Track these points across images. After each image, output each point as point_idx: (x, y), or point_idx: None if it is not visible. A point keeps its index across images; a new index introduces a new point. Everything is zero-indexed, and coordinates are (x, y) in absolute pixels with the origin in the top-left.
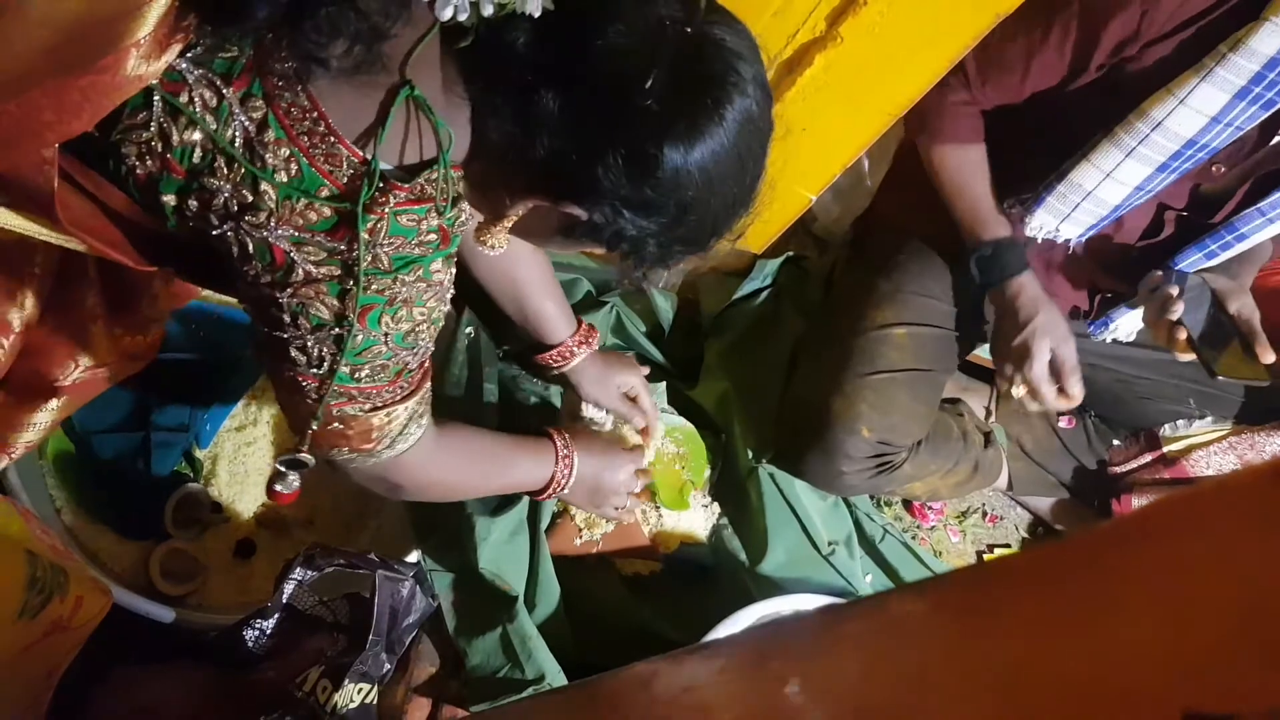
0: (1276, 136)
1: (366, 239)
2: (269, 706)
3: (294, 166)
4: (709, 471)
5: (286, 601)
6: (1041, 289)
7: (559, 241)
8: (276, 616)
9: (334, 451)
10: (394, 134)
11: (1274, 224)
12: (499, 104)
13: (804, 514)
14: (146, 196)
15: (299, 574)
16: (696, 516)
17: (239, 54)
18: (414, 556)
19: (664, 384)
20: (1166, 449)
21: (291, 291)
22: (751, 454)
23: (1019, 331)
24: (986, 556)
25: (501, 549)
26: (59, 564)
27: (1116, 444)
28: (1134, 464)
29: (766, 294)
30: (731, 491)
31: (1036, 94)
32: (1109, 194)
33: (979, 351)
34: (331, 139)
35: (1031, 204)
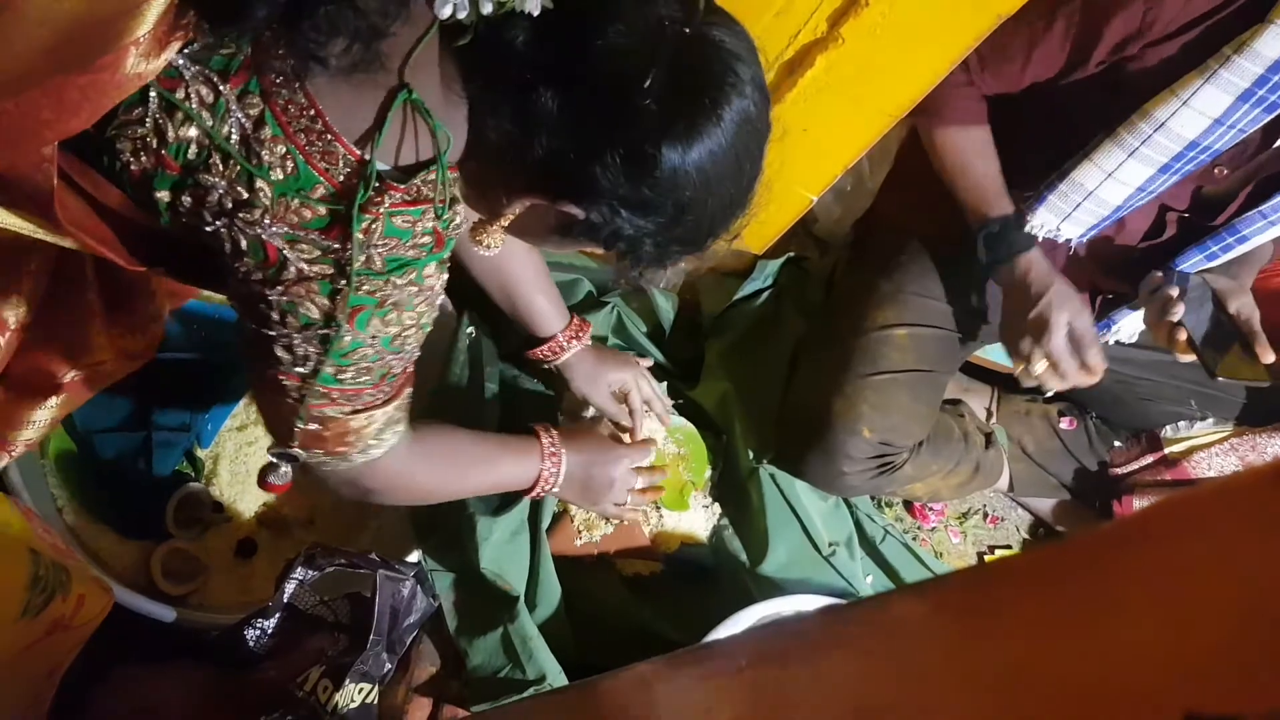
0: (1278, 139)
1: (361, 239)
2: (270, 706)
3: (290, 164)
4: (709, 472)
5: (287, 601)
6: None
7: (556, 241)
8: (277, 616)
9: (308, 454)
10: (391, 135)
11: (1275, 226)
12: (497, 102)
13: (805, 515)
14: (140, 193)
15: (300, 574)
16: (697, 517)
17: (236, 51)
18: (415, 556)
19: (664, 384)
20: (1168, 450)
21: (282, 289)
22: (752, 454)
23: (1033, 305)
24: (987, 557)
25: (502, 549)
26: (61, 563)
27: (1118, 445)
28: (1135, 465)
29: (767, 295)
30: (732, 492)
31: (1039, 90)
32: (1110, 194)
33: (980, 352)
34: (329, 137)
35: (1033, 202)
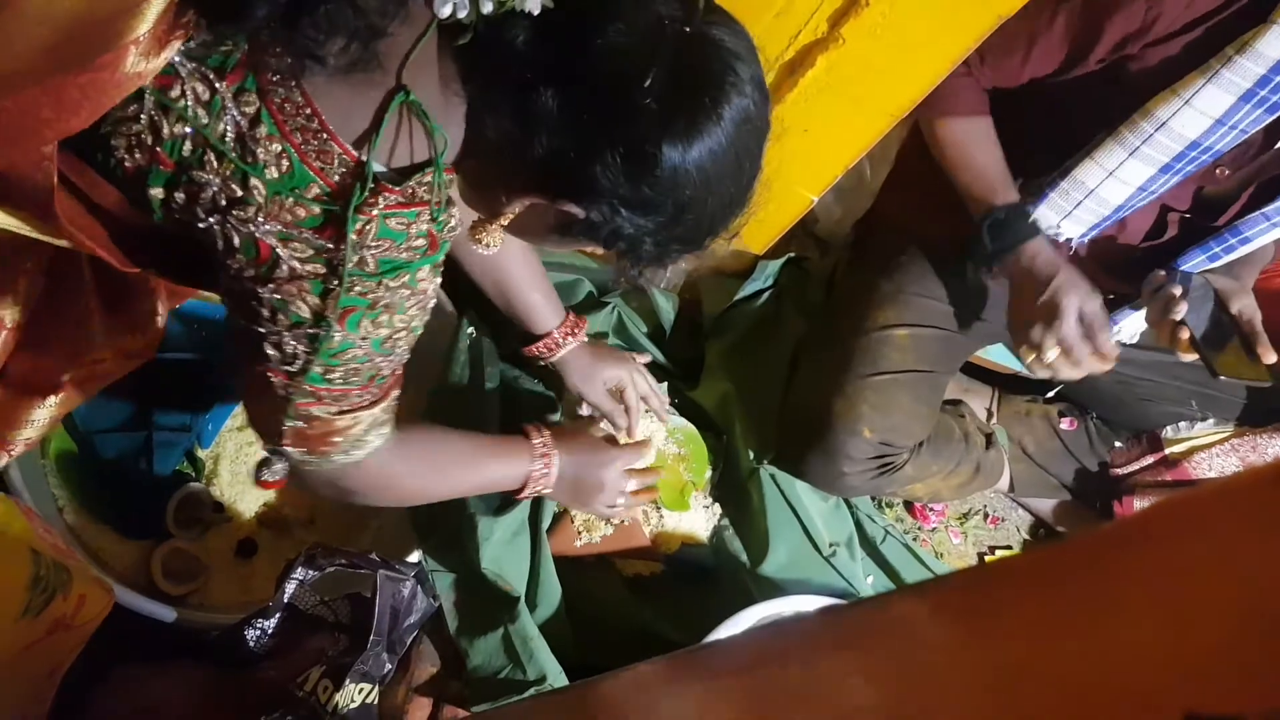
0: None
1: (355, 240)
2: (270, 706)
3: (285, 162)
4: (710, 472)
5: (288, 601)
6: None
7: (555, 240)
8: (278, 616)
9: (291, 451)
10: (388, 136)
11: (1278, 228)
12: (497, 101)
13: (805, 515)
14: (134, 189)
15: (300, 574)
16: (697, 517)
17: (233, 48)
18: (415, 556)
19: (665, 384)
20: (1168, 451)
21: (274, 287)
22: (753, 455)
23: (1042, 290)
24: (988, 558)
25: (503, 549)
26: (62, 563)
27: (1118, 446)
28: (1136, 466)
29: (768, 295)
30: (732, 492)
31: (1041, 88)
32: (1111, 193)
33: (981, 353)
34: (324, 136)
35: (1034, 200)
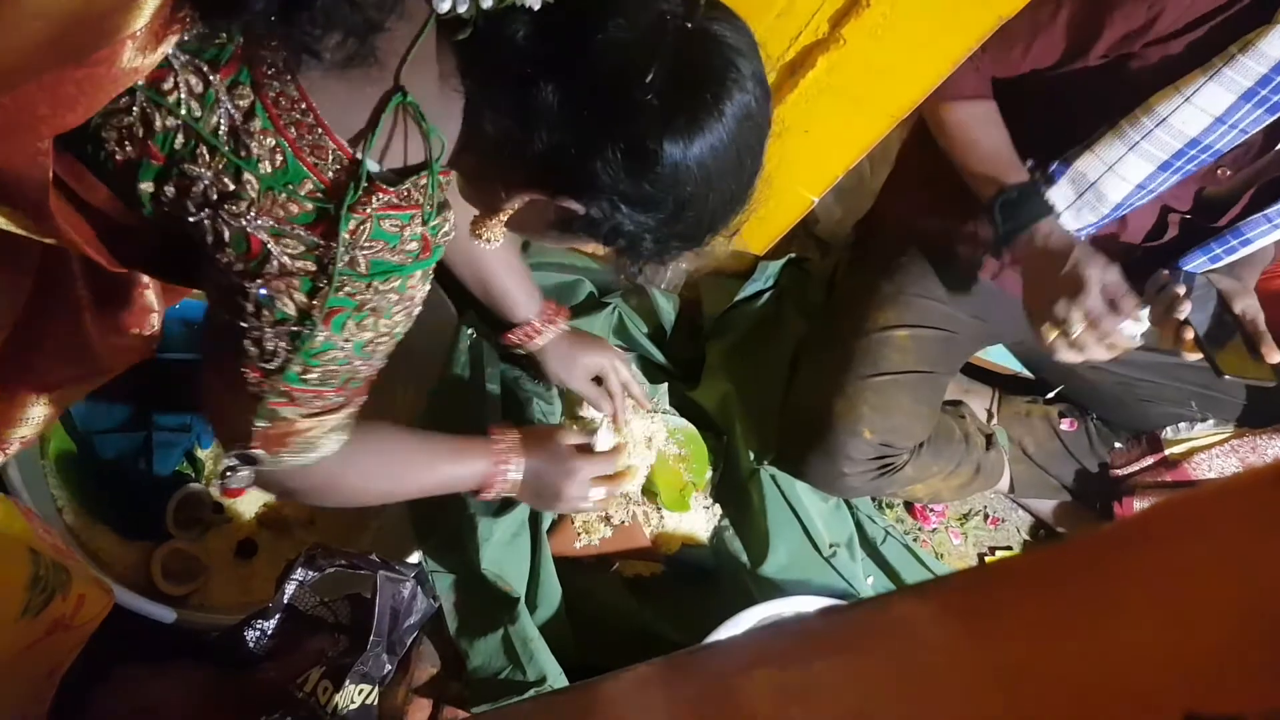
0: None
1: (347, 239)
2: (270, 707)
3: (279, 157)
4: (710, 473)
5: (287, 602)
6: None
7: (555, 236)
8: (277, 617)
9: (255, 453)
10: (384, 136)
11: (1279, 229)
12: (496, 97)
13: (805, 516)
14: (123, 183)
15: (300, 574)
16: (698, 518)
17: (227, 41)
18: (415, 557)
19: (665, 385)
20: (1168, 452)
21: (262, 282)
22: (753, 455)
23: (1062, 264)
24: (988, 559)
25: (503, 550)
26: (61, 563)
27: (1118, 447)
28: (1136, 467)
29: (768, 296)
30: (733, 493)
31: (1043, 81)
32: (1111, 189)
33: (981, 354)
34: (319, 131)
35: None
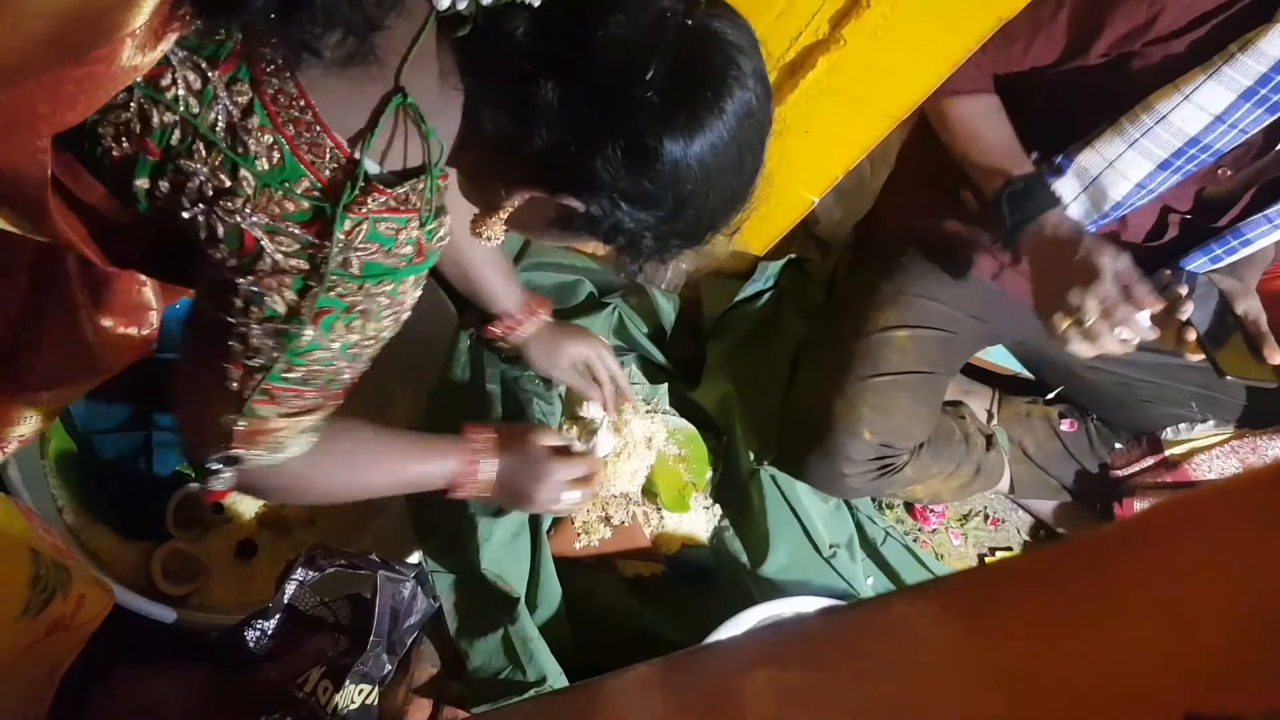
0: None
1: (342, 239)
2: (270, 707)
3: (276, 154)
4: (710, 473)
5: (288, 602)
6: None
7: (555, 234)
8: (277, 617)
9: (235, 453)
10: (382, 137)
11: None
12: (496, 94)
13: (805, 516)
14: (119, 179)
15: (300, 574)
16: (698, 518)
17: (226, 38)
18: (415, 557)
19: (665, 385)
20: (1168, 452)
21: (254, 279)
22: (753, 456)
23: (1074, 253)
24: (988, 559)
25: (503, 550)
26: (61, 562)
27: (1118, 447)
28: (1136, 467)
29: (768, 296)
30: (733, 493)
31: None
32: (1112, 186)
33: (981, 354)
34: (318, 129)
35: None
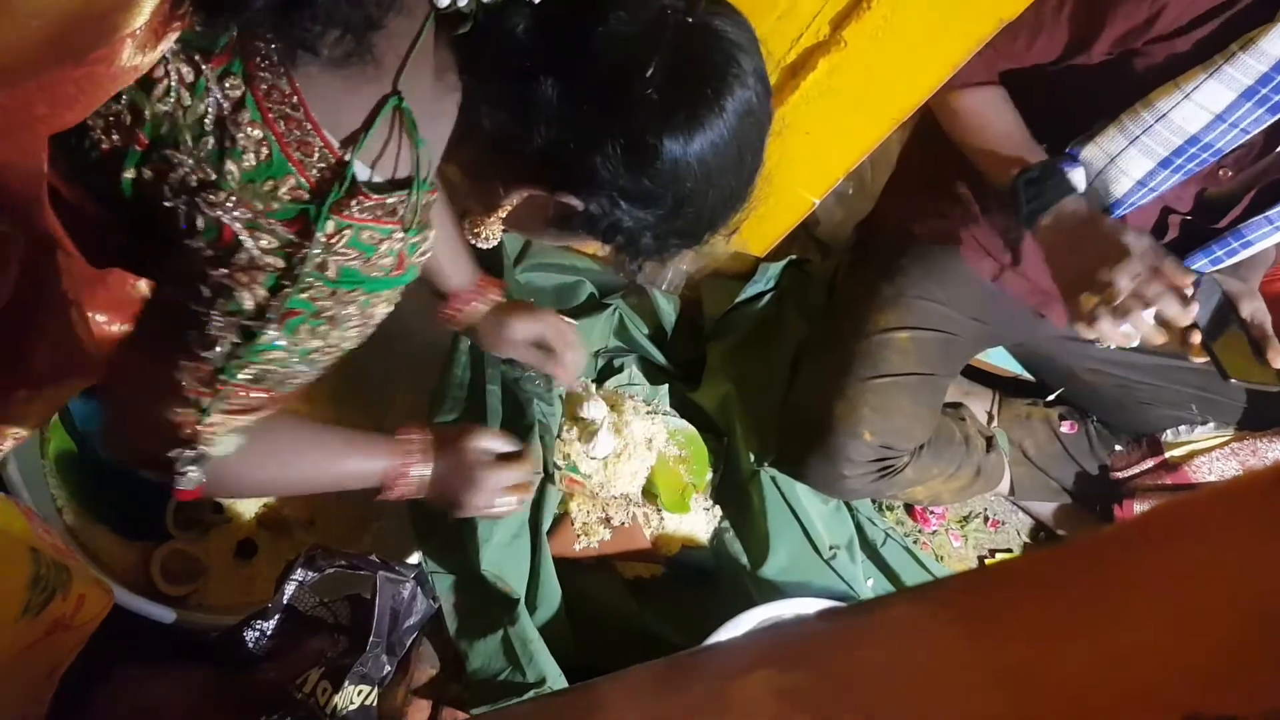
0: None
1: (323, 241)
2: (269, 707)
3: (265, 150)
4: (710, 474)
5: (287, 602)
6: None
7: (554, 233)
8: (277, 617)
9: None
10: (374, 142)
11: None
12: (495, 92)
13: (805, 518)
14: (107, 172)
15: (300, 575)
16: (698, 519)
17: (222, 32)
18: (415, 558)
19: (666, 386)
20: (1168, 454)
21: (226, 272)
22: (753, 457)
23: (1100, 232)
24: (988, 561)
25: (503, 551)
26: (62, 562)
27: (1118, 449)
28: (1136, 469)
29: (769, 297)
30: (733, 495)
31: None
32: (1113, 183)
33: (982, 356)
34: (308, 126)
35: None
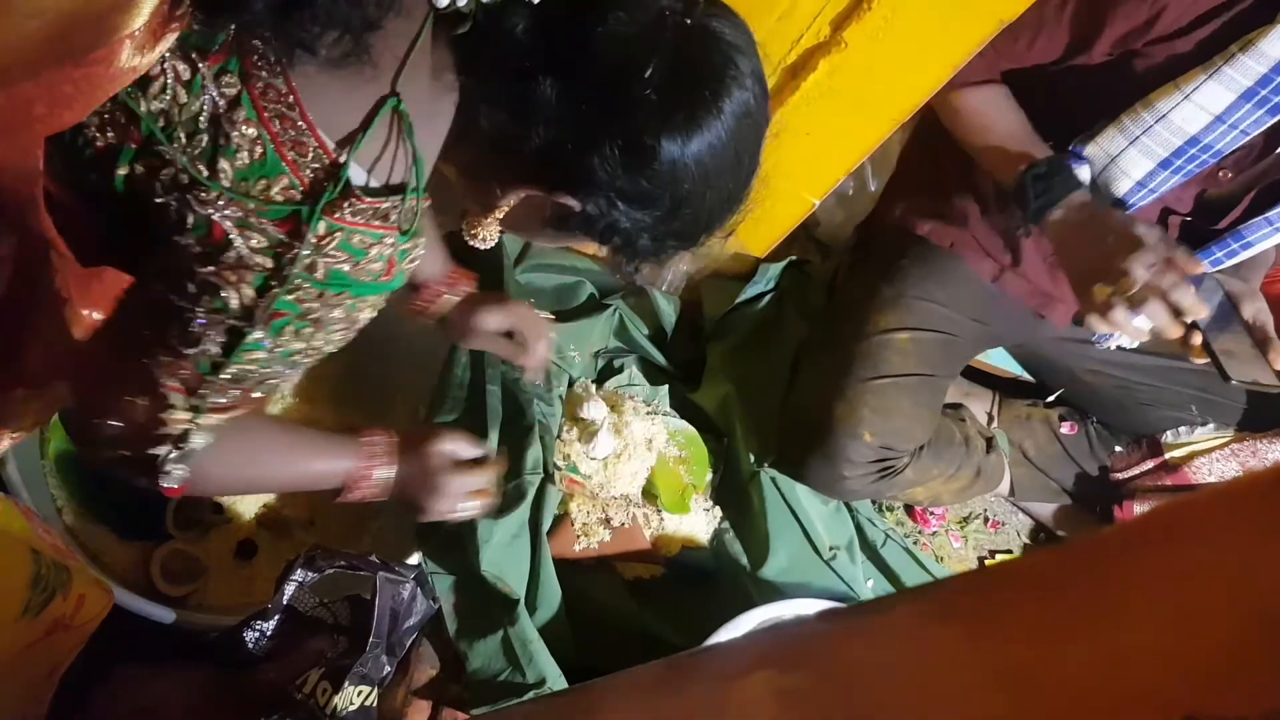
0: None
1: (314, 242)
2: (269, 708)
3: (259, 149)
4: (710, 475)
5: (287, 603)
6: None
7: (551, 234)
8: (277, 618)
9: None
10: (371, 143)
11: None
12: (494, 92)
13: (805, 518)
14: (101, 169)
15: (300, 575)
16: (698, 520)
17: (219, 30)
18: (415, 559)
19: (666, 387)
20: (1168, 456)
21: (214, 270)
22: (753, 458)
23: (1112, 225)
24: (988, 562)
25: (503, 551)
26: (62, 562)
27: (1119, 450)
28: (1136, 470)
29: (769, 298)
30: (733, 495)
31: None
32: (1113, 183)
33: (982, 357)
34: (303, 125)
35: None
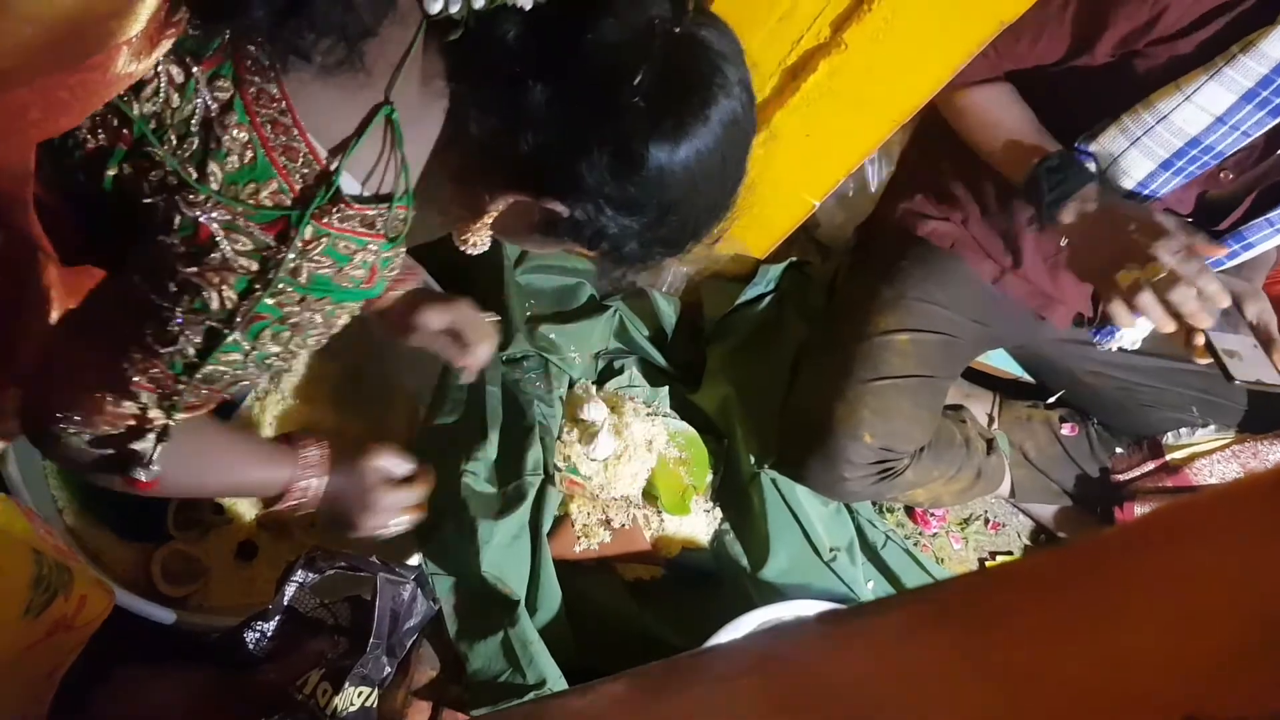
0: None
1: (300, 247)
2: (269, 709)
3: (249, 153)
4: (711, 476)
5: (287, 604)
6: None
7: (538, 240)
8: (277, 619)
9: (75, 419)
10: (364, 151)
11: None
12: (484, 98)
13: (806, 520)
14: (91, 170)
15: (300, 576)
16: (698, 521)
17: (214, 35)
18: (415, 560)
19: (666, 388)
20: (1169, 457)
21: (197, 270)
22: (753, 459)
23: (1130, 216)
24: (988, 563)
25: (503, 553)
26: (63, 563)
27: (1119, 452)
28: (1137, 472)
29: (769, 299)
30: (733, 497)
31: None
32: (1113, 184)
33: (982, 358)
34: (294, 131)
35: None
